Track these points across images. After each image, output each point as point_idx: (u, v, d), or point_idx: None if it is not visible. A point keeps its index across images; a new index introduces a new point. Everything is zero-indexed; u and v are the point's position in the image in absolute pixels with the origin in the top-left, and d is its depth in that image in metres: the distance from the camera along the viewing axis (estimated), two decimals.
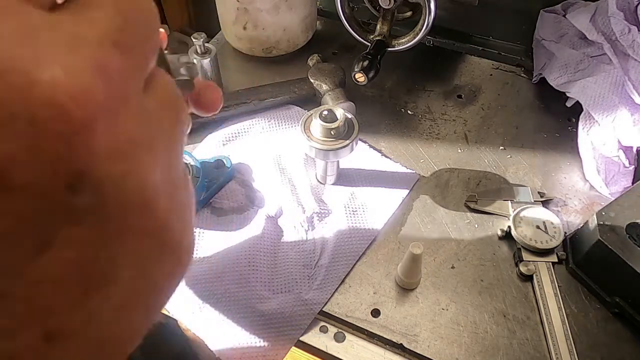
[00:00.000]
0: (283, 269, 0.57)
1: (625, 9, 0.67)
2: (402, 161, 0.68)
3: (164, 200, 0.14)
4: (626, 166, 0.62)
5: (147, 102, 0.15)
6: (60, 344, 0.13)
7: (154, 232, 0.14)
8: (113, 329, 0.14)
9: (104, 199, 0.13)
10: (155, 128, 0.15)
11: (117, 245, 0.13)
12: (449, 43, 0.86)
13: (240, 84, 0.77)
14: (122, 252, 0.14)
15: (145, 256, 0.14)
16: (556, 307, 0.53)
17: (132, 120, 0.13)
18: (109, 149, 0.12)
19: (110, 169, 0.12)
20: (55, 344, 0.13)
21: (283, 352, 0.51)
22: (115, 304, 0.14)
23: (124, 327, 0.15)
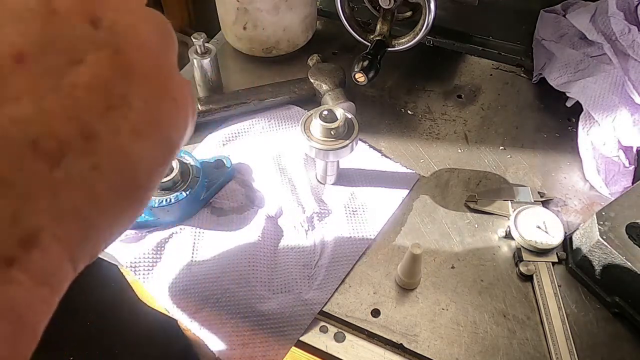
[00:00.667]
0: (283, 269, 0.57)
1: (625, 9, 0.67)
2: (402, 161, 0.68)
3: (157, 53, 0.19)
4: (626, 166, 0.62)
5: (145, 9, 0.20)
6: (94, 145, 0.17)
7: (153, 75, 0.19)
8: (133, 151, 0.18)
9: (115, 38, 0.17)
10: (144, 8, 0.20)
11: (128, 75, 0.18)
12: (449, 43, 0.86)
13: (240, 84, 0.77)
14: (133, 83, 0.18)
15: (149, 93, 0.19)
16: (556, 307, 0.53)
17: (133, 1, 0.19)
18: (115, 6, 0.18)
19: (118, 19, 0.18)
20: (90, 141, 0.17)
21: (283, 352, 0.51)
22: (131, 127, 0.18)
23: (143, 153, 0.19)
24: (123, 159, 0.18)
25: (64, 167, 0.16)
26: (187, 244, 0.58)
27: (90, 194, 0.17)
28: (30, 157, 0.15)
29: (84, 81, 0.17)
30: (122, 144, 0.18)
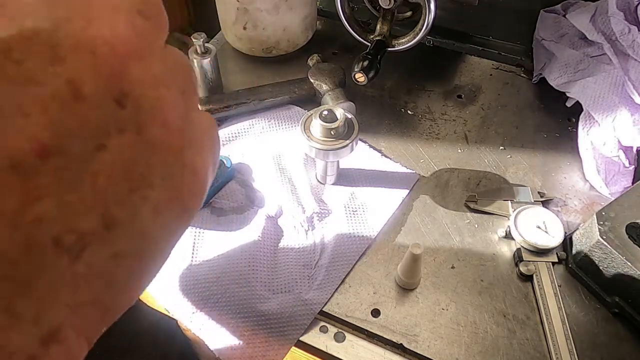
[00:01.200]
0: (283, 269, 0.57)
1: (625, 9, 0.67)
2: (402, 161, 0.68)
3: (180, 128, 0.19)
4: (626, 166, 0.62)
5: (166, 57, 0.20)
6: (114, 231, 0.16)
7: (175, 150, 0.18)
8: (153, 229, 0.18)
9: (140, 115, 0.17)
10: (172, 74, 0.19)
11: (150, 153, 0.17)
12: (449, 43, 0.86)
13: (240, 84, 0.77)
14: (153, 161, 0.18)
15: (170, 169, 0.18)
16: (556, 307, 0.53)
17: (155, 64, 0.18)
18: (141, 79, 0.17)
19: (144, 93, 0.17)
20: (111, 230, 0.16)
21: (283, 352, 0.51)
22: (152, 205, 0.18)
23: (162, 230, 0.19)
24: (143, 241, 0.18)
25: (84, 260, 0.16)
26: (187, 244, 0.58)
27: (110, 282, 0.17)
28: (52, 255, 0.15)
29: (107, 169, 0.16)
30: (142, 226, 0.17)
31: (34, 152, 0.14)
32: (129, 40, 0.17)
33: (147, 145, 0.17)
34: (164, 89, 0.18)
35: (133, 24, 0.17)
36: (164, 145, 0.18)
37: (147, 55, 0.18)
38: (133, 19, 0.18)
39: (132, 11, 0.18)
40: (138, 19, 0.18)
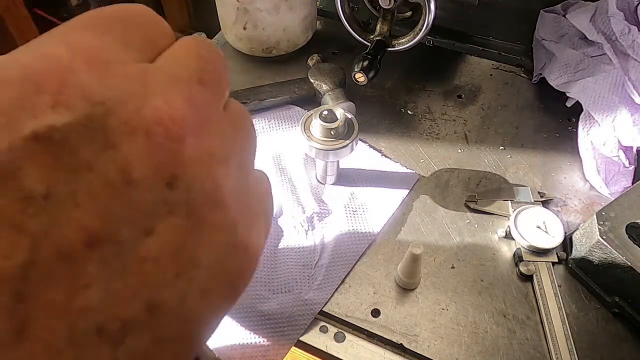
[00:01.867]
0: (283, 269, 0.57)
1: (625, 9, 0.67)
2: (402, 161, 0.68)
3: (234, 204, 0.18)
4: (626, 166, 0.62)
5: (224, 123, 0.19)
6: (158, 316, 0.16)
7: (226, 228, 0.18)
8: (198, 311, 0.17)
9: (190, 196, 0.16)
10: (229, 145, 0.19)
11: (198, 236, 0.17)
12: (449, 43, 0.86)
13: (240, 84, 0.77)
14: (203, 242, 0.17)
15: (220, 249, 0.18)
16: (556, 307, 0.53)
17: (211, 138, 0.17)
18: (195, 159, 0.16)
19: (195, 174, 0.16)
20: (155, 315, 0.16)
21: (283, 352, 0.51)
22: (199, 287, 0.17)
23: (206, 311, 0.18)
24: (188, 324, 0.17)
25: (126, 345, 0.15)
26: None
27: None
28: (95, 344, 0.15)
29: (154, 254, 0.16)
30: (187, 310, 0.17)
31: (81, 242, 0.14)
32: (185, 117, 0.16)
33: (197, 227, 0.17)
34: (219, 166, 0.17)
35: (191, 97, 0.17)
36: (215, 225, 0.17)
37: (204, 130, 0.17)
38: (191, 91, 0.17)
39: (192, 81, 0.18)
40: (197, 90, 0.18)
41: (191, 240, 0.16)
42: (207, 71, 0.19)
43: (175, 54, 0.18)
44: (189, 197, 0.16)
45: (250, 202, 0.20)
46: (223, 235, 0.18)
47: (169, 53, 0.19)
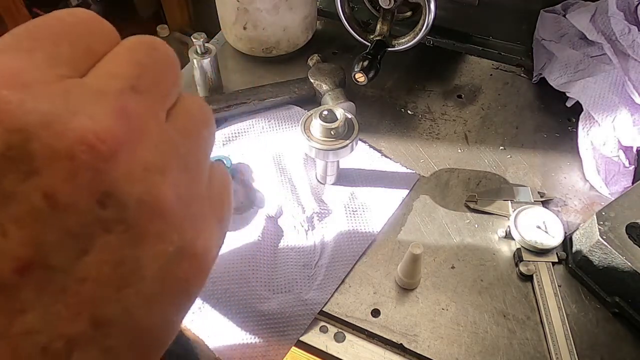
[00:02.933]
0: (283, 269, 0.57)
1: (625, 9, 0.67)
2: (402, 161, 0.68)
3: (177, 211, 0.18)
4: (626, 166, 0.62)
5: (168, 129, 0.19)
6: (105, 330, 0.16)
7: (168, 237, 0.17)
8: (147, 320, 0.17)
9: (126, 212, 0.16)
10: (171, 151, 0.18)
11: (139, 248, 0.17)
12: (449, 43, 0.86)
13: (240, 84, 0.77)
14: (144, 254, 0.17)
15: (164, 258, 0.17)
16: (556, 307, 0.53)
17: (147, 148, 0.17)
18: (128, 174, 0.16)
19: (129, 189, 0.16)
20: (102, 330, 0.16)
21: (283, 352, 0.51)
22: (145, 297, 0.17)
23: (157, 319, 0.18)
24: (137, 332, 0.17)
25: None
26: None
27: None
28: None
29: (93, 273, 0.16)
30: (135, 320, 0.17)
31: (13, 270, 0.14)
32: (113, 132, 0.16)
33: (137, 240, 0.16)
34: (156, 176, 0.17)
35: (120, 109, 0.16)
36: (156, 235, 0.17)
37: (138, 141, 0.17)
38: (122, 102, 0.17)
39: (123, 92, 0.17)
40: (129, 100, 0.17)
41: (131, 254, 0.16)
42: (143, 77, 0.18)
43: (108, 64, 0.18)
44: (125, 213, 0.16)
45: (199, 206, 0.19)
46: (165, 244, 0.17)
47: (103, 63, 0.18)
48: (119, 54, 0.18)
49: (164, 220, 0.17)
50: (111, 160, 0.16)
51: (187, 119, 0.20)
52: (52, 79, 0.16)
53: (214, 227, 0.20)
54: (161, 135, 0.18)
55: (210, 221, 0.20)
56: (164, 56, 0.20)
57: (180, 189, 0.18)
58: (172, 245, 0.18)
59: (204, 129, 0.21)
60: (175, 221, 0.18)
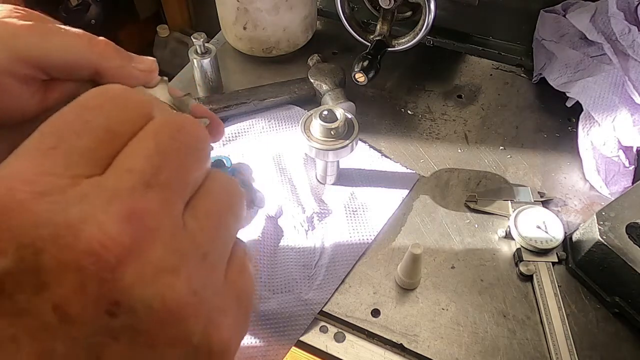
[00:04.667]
0: (283, 269, 0.57)
1: (625, 9, 0.67)
2: (402, 161, 0.68)
3: (191, 309, 0.17)
4: (626, 166, 0.62)
5: (186, 221, 0.18)
6: None
7: (182, 338, 0.17)
8: None
9: (136, 319, 0.16)
10: (186, 248, 0.18)
11: (151, 353, 0.16)
12: (449, 43, 0.86)
13: (240, 84, 0.77)
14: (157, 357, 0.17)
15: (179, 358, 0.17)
16: (556, 307, 0.53)
17: (159, 250, 0.17)
18: (137, 280, 0.16)
19: (139, 296, 0.16)
20: None
21: (283, 352, 0.51)
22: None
23: None
24: None
25: None
26: None
27: None
28: None
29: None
30: None
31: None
32: (122, 240, 0.16)
33: (147, 347, 0.16)
34: (168, 277, 0.17)
35: (132, 211, 0.17)
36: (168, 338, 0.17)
37: (149, 242, 0.17)
38: (134, 203, 0.17)
39: (136, 189, 0.17)
40: (141, 199, 0.17)
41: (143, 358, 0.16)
42: (161, 169, 0.18)
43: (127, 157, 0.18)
44: (134, 320, 0.16)
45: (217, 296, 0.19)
46: (178, 349, 0.17)
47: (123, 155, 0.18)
48: (142, 142, 0.18)
49: (175, 325, 0.17)
50: (118, 269, 0.16)
51: (209, 205, 0.20)
52: (68, 183, 0.17)
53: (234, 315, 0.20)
54: (175, 231, 0.18)
55: (229, 310, 0.20)
56: (191, 139, 0.19)
57: (196, 283, 0.18)
58: (185, 347, 0.17)
59: (228, 214, 0.20)
60: (188, 323, 0.17)
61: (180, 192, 0.19)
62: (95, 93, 0.19)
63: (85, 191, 0.16)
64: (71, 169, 0.17)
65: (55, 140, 0.17)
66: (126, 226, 0.16)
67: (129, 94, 0.19)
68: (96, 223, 0.16)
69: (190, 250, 0.18)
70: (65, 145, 0.17)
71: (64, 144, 0.17)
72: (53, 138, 0.17)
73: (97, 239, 0.16)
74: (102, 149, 0.18)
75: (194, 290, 0.17)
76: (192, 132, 0.19)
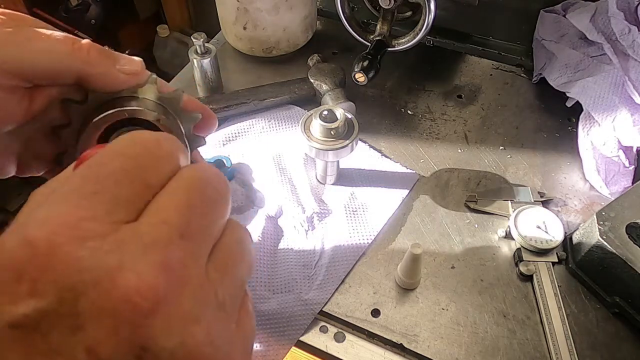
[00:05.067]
0: (283, 269, 0.57)
1: (625, 9, 0.67)
2: (402, 161, 0.68)
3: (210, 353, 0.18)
4: (626, 166, 0.62)
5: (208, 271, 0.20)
6: None
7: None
8: None
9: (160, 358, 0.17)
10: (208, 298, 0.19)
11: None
12: (449, 43, 0.86)
13: (240, 84, 0.77)
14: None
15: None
16: (556, 307, 0.53)
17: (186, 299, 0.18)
18: (165, 327, 0.17)
19: (165, 343, 0.17)
20: None
21: (283, 352, 0.51)
22: None
23: None
24: None
25: None
26: None
27: None
28: None
29: None
30: None
31: None
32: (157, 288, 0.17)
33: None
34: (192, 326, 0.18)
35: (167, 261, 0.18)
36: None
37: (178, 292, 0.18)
38: (169, 253, 0.18)
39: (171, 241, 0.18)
40: (176, 249, 0.18)
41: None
42: (192, 222, 0.19)
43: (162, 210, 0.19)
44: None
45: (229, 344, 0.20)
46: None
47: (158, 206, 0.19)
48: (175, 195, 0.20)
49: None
50: (151, 315, 0.17)
51: (228, 257, 0.21)
52: (109, 229, 0.18)
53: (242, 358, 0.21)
54: (201, 281, 0.19)
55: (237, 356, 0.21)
56: (217, 193, 0.21)
57: (213, 332, 0.19)
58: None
59: (243, 265, 0.22)
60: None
61: (206, 244, 0.20)
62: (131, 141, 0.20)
63: (124, 238, 0.18)
64: (111, 215, 0.18)
65: (96, 187, 0.18)
66: (161, 275, 0.17)
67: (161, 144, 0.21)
68: (134, 271, 0.17)
69: (211, 300, 0.19)
70: (105, 192, 0.18)
71: (104, 191, 0.18)
72: (94, 184, 0.18)
73: (134, 286, 0.17)
74: (138, 198, 0.19)
75: (211, 340, 0.19)
76: (217, 186, 0.21)
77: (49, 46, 0.26)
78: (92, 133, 0.29)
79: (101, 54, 0.28)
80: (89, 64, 0.27)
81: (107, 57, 0.28)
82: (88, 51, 0.27)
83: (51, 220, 0.17)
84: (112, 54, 0.28)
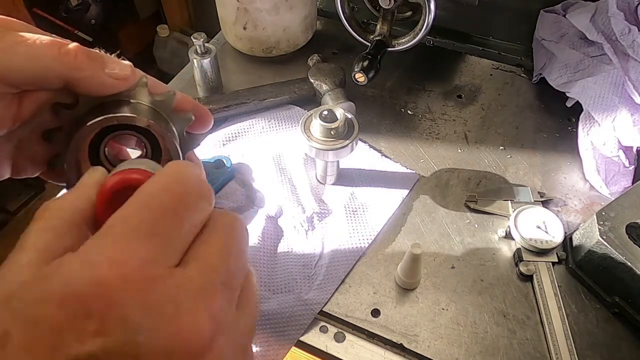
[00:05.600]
0: (283, 269, 0.57)
1: (625, 9, 0.67)
2: (402, 161, 0.68)
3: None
4: (626, 166, 0.62)
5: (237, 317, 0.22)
6: None
7: None
8: None
9: None
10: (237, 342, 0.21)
11: None
12: (449, 43, 0.86)
13: (240, 84, 0.77)
14: None
15: None
16: (556, 307, 0.53)
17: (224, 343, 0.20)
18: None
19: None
20: None
21: (283, 352, 0.51)
22: None
23: None
24: None
25: None
26: None
27: None
28: None
29: None
30: None
31: None
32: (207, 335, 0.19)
33: None
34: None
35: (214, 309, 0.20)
36: None
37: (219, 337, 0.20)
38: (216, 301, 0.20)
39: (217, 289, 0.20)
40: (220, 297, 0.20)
41: None
42: (230, 269, 0.21)
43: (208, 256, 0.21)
44: None
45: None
46: None
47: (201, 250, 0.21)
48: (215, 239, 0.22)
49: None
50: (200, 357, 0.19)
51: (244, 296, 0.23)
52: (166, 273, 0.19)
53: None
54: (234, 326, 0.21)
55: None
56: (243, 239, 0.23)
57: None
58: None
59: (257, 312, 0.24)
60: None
61: (238, 289, 0.22)
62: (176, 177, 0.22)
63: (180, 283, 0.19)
64: (168, 257, 0.20)
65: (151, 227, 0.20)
66: (210, 321, 0.19)
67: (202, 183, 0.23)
68: (191, 316, 0.19)
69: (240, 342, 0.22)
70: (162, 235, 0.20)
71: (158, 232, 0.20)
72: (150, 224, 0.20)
73: (189, 330, 0.18)
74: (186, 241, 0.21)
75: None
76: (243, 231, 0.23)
77: (35, 51, 0.26)
78: (83, 138, 0.28)
79: (89, 57, 0.27)
80: (76, 68, 0.27)
81: (94, 61, 0.27)
82: (75, 55, 0.27)
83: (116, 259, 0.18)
84: (101, 58, 0.28)
